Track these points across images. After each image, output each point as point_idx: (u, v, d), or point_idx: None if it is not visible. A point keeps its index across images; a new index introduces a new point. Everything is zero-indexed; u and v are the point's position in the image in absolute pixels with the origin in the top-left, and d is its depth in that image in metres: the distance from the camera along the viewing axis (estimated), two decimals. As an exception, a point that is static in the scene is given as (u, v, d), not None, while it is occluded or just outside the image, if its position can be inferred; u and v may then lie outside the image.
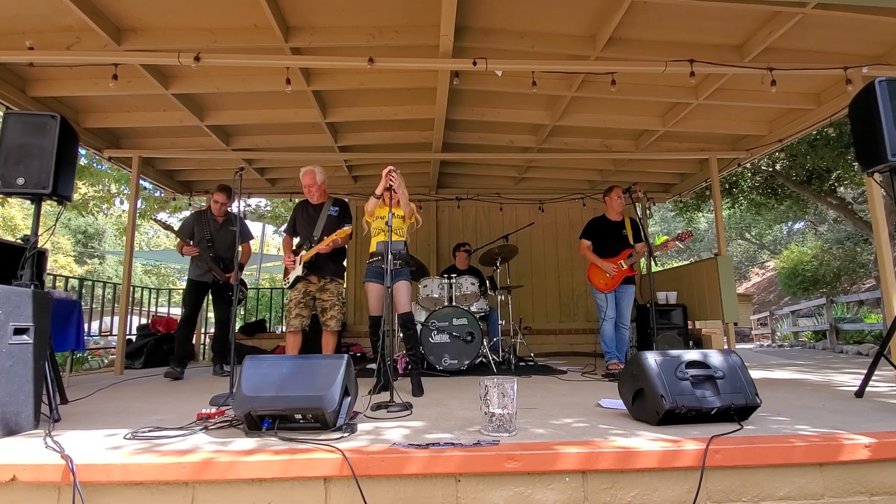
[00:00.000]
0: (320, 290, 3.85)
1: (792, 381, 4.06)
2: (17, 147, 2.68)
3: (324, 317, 3.84)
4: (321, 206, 3.95)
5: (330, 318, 3.82)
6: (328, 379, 2.12)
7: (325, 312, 3.83)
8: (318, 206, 3.96)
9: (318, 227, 3.86)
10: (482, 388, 2.09)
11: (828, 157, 8.61)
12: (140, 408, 2.93)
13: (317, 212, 3.93)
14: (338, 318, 3.84)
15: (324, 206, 3.94)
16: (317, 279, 3.83)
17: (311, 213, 3.94)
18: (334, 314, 3.82)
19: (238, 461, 1.75)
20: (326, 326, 3.82)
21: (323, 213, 3.91)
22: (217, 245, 4.63)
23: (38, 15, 3.49)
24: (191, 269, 4.67)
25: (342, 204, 4.00)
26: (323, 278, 3.84)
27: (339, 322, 3.85)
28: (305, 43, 3.70)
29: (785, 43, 3.77)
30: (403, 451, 1.80)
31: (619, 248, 4.42)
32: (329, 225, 3.84)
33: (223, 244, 4.66)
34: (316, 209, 3.95)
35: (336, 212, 3.93)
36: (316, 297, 3.85)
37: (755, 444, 1.86)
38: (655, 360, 2.21)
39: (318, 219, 3.89)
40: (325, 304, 3.83)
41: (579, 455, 1.78)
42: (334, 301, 3.84)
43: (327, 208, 3.93)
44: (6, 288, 2.17)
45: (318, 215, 3.91)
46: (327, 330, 3.83)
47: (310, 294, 3.84)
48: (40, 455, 1.82)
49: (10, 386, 2.17)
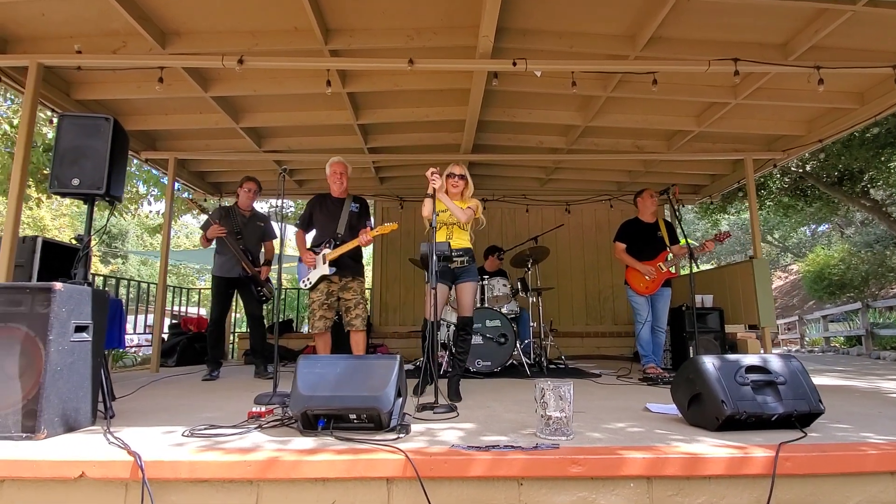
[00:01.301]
0: (342, 288, 3.73)
1: (839, 387, 3.96)
2: (72, 149, 2.73)
3: (348, 316, 3.72)
4: (342, 201, 3.81)
5: (355, 316, 3.70)
6: (383, 379, 2.12)
7: (350, 311, 3.71)
8: (338, 200, 3.81)
9: (340, 224, 3.72)
10: (537, 390, 2.07)
11: (862, 157, 8.39)
12: (188, 405, 2.98)
13: (337, 207, 3.78)
14: (363, 317, 3.73)
15: (345, 202, 3.81)
16: (338, 278, 3.71)
17: (332, 208, 3.78)
18: (359, 312, 3.70)
19: (302, 460, 1.76)
20: (352, 326, 3.70)
21: (344, 208, 3.78)
22: (245, 238, 4.51)
23: (86, 19, 3.57)
24: (216, 265, 4.51)
25: (362, 201, 3.88)
26: (345, 277, 3.72)
27: (365, 320, 3.74)
28: (344, 45, 3.72)
29: (831, 41, 3.68)
30: (465, 453, 1.79)
31: (656, 250, 4.35)
32: (352, 221, 3.73)
33: (252, 238, 4.56)
34: (336, 204, 3.80)
35: (357, 208, 3.81)
36: (340, 296, 3.73)
37: (826, 452, 1.81)
38: (714, 365, 2.17)
39: (340, 215, 3.76)
40: (349, 302, 3.71)
41: (644, 460, 1.75)
42: (358, 299, 3.73)
43: (348, 204, 3.80)
44: (70, 286, 2.21)
45: (340, 211, 3.76)
46: (354, 329, 3.71)
47: (333, 294, 3.72)
48: (106, 451, 1.85)
49: (70, 383, 2.22)
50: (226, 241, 4.39)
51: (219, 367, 4.53)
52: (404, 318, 7.30)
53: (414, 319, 7.19)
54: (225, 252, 4.46)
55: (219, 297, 4.51)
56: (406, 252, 7.06)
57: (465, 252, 3.34)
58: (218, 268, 4.50)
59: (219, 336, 4.65)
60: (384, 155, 5.92)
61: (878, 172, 9.33)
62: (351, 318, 3.71)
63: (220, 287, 4.48)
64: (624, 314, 7.39)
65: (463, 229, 3.38)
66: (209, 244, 4.54)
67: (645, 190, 4.52)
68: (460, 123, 5.04)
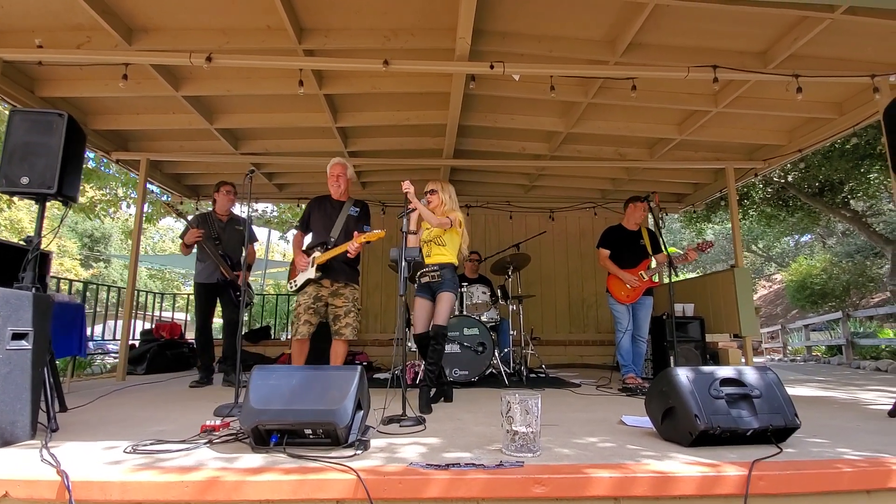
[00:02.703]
0: (333, 294, 3.53)
1: (817, 398, 3.91)
2: (23, 145, 2.60)
3: (337, 324, 3.51)
4: (341, 204, 3.68)
5: (345, 325, 3.48)
6: (341, 392, 2.00)
7: (339, 320, 3.50)
8: (337, 203, 3.68)
9: (336, 228, 3.58)
10: (504, 403, 1.97)
11: (842, 168, 8.47)
12: (142, 417, 2.82)
13: (336, 210, 3.65)
14: (353, 326, 3.51)
15: (344, 205, 3.67)
16: (329, 283, 3.51)
17: (330, 210, 3.63)
18: (349, 321, 3.49)
19: (245, 481, 1.63)
20: (340, 335, 3.49)
21: (343, 212, 3.64)
22: (224, 244, 4.45)
23: (48, 13, 3.44)
24: (197, 272, 4.51)
25: (363, 205, 3.74)
26: (336, 282, 3.53)
27: (355, 330, 3.53)
28: (319, 45, 3.63)
29: (810, 50, 3.67)
30: (422, 472, 1.67)
31: (638, 258, 4.29)
32: (349, 226, 3.60)
33: (230, 243, 4.49)
34: (335, 207, 3.67)
35: (356, 213, 3.68)
36: (329, 302, 3.53)
37: (801, 471, 1.72)
38: (688, 377, 2.08)
39: (338, 218, 3.63)
40: (339, 310, 3.51)
41: (612, 480, 1.65)
42: (349, 307, 3.52)
43: (348, 208, 3.66)
44: (5, 291, 2.07)
45: (338, 214, 3.63)
46: (340, 339, 3.50)
47: (321, 299, 3.51)
48: (35, 469, 1.71)
49: (6, 394, 2.07)
50: (205, 246, 4.33)
51: (209, 374, 4.44)
52: (385, 326, 7.17)
53: (395, 327, 7.06)
54: (205, 259, 4.42)
55: (200, 304, 4.47)
56: (387, 259, 6.93)
57: (440, 267, 3.39)
58: (198, 274, 4.49)
59: (205, 343, 4.53)
60: (365, 159, 5.82)
61: (858, 184, 9.44)
62: (340, 326, 3.50)
63: (202, 293, 4.45)
64: (607, 322, 7.32)
65: (440, 244, 3.44)
66: (189, 251, 4.49)
67: (638, 200, 4.43)
68: (441, 128, 4.97)
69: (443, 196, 3.47)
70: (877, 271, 15.94)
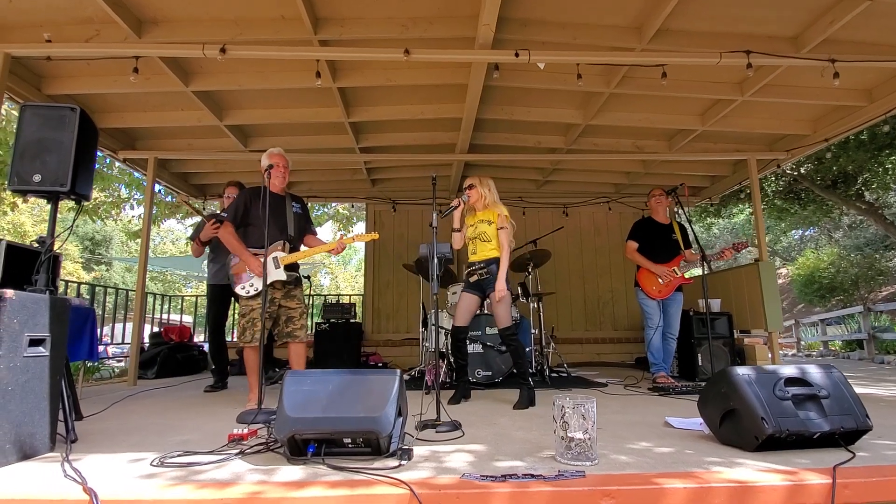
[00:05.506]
0: (286, 296, 3.29)
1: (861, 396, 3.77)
2: (35, 142, 2.46)
3: (290, 326, 3.29)
4: (283, 198, 3.38)
5: (300, 327, 3.30)
6: (381, 397, 1.88)
7: (294, 322, 3.29)
8: (279, 197, 3.34)
9: (290, 226, 3.33)
10: (557, 408, 1.84)
11: (859, 159, 8.32)
12: (162, 425, 2.70)
13: (280, 205, 3.33)
14: (307, 327, 3.41)
15: (286, 200, 3.38)
16: (282, 285, 3.27)
17: (273, 205, 3.12)
18: (304, 322, 3.34)
19: (287, 496, 1.50)
20: (295, 337, 3.28)
21: (287, 208, 3.37)
22: None
23: (56, 7, 3.31)
24: (209, 273, 4.41)
25: (303, 201, 3.54)
26: (288, 284, 3.29)
27: (308, 331, 3.43)
28: (335, 35, 3.49)
29: (845, 34, 3.52)
30: (479, 484, 1.55)
31: (671, 253, 4.14)
32: (299, 224, 3.41)
33: None
34: (278, 201, 3.32)
35: (299, 209, 3.47)
36: (281, 304, 3.28)
37: (888, 477, 1.60)
38: (749, 377, 1.95)
39: (287, 215, 3.35)
40: (294, 312, 3.30)
41: (686, 491, 1.52)
42: (303, 308, 3.36)
43: (289, 204, 3.39)
44: (22, 294, 1.94)
45: (284, 210, 3.35)
46: (297, 341, 3.29)
47: (275, 302, 3.25)
48: (60, 487, 1.59)
49: (24, 404, 1.94)
50: (220, 245, 4.16)
51: (224, 378, 4.33)
52: (398, 326, 7.04)
53: (407, 327, 6.94)
54: (218, 259, 4.28)
55: (213, 306, 4.35)
56: (399, 257, 6.81)
57: (486, 263, 3.38)
58: (212, 276, 4.37)
59: (219, 345, 4.41)
60: (376, 155, 5.68)
61: (873, 175, 9.28)
62: (295, 328, 3.30)
63: (216, 295, 4.33)
64: (623, 319, 7.20)
65: (485, 240, 3.41)
66: (203, 249, 4.36)
67: (657, 189, 4.32)
68: (456, 122, 4.82)
69: (482, 190, 3.44)
70: (886, 264, 15.79)
